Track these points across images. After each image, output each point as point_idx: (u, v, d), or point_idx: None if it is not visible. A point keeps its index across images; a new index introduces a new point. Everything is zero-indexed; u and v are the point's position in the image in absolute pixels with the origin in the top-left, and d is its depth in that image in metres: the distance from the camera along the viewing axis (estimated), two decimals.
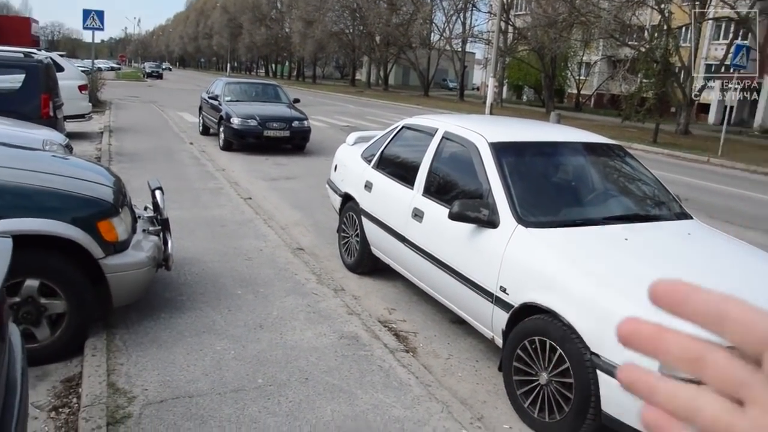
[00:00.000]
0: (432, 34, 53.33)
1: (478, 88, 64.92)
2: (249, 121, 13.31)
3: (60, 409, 3.43)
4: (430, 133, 5.21)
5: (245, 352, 4.04)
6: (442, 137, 5.04)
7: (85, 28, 21.20)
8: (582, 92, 47.22)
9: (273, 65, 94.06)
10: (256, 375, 3.77)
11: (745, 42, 23.62)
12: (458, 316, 4.48)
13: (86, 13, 20.81)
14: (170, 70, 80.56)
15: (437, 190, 4.84)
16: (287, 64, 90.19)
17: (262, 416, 3.34)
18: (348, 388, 3.70)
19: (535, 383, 3.55)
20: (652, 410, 0.44)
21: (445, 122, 5.24)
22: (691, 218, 4.66)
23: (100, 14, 20.99)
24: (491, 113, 22.73)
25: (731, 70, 22.12)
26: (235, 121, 13.25)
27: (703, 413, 0.41)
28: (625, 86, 32.61)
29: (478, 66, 62.67)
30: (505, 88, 50.41)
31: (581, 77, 47.71)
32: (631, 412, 3.02)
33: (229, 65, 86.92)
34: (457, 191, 4.67)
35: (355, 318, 4.69)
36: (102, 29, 21.40)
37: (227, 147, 13.62)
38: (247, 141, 13.42)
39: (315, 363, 3.97)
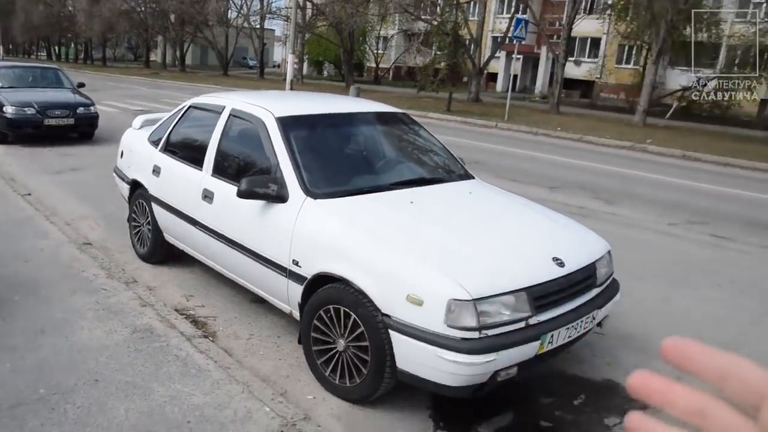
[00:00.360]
0: (229, 11, 51.86)
1: (278, 65, 64.44)
2: (26, 109, 12.09)
3: None
4: (218, 111, 5.05)
5: (24, 363, 3.69)
6: (230, 115, 4.90)
7: None
8: (381, 66, 48.56)
9: (56, 47, 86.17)
10: (37, 385, 3.46)
11: (525, 16, 25.51)
12: (257, 295, 4.43)
13: None
14: None
15: (226, 169, 4.72)
16: (73, 46, 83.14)
17: (45, 429, 3.08)
18: (143, 383, 3.53)
19: (334, 351, 3.61)
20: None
21: (232, 99, 5.11)
22: (473, 178, 4.97)
23: None
24: (291, 89, 22.65)
25: (513, 42, 23.82)
26: (9, 110, 11.98)
27: None
28: (420, 58, 34.05)
29: (278, 43, 61.85)
30: (305, 64, 50.53)
31: (379, 51, 49.01)
32: (424, 365, 3.19)
33: (1, 48, 78.28)
34: (246, 169, 4.58)
35: (148, 309, 4.48)
36: None
37: (1, 140, 12.29)
38: (24, 132, 12.19)
39: (105, 362, 3.74)
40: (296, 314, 3.95)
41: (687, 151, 15.80)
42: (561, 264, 3.55)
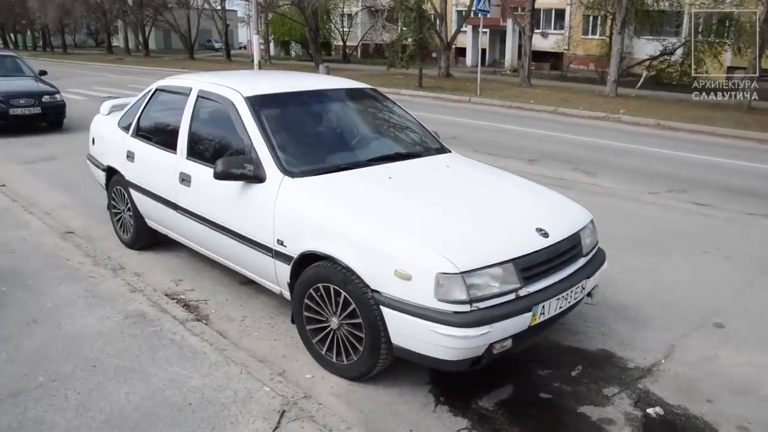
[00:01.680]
0: None
1: (245, 47, 63.46)
2: None
3: None
4: (185, 93, 5.01)
5: (19, 352, 3.72)
6: (198, 96, 4.87)
7: None
8: (348, 44, 48.16)
9: (12, 35, 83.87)
10: (36, 373, 3.49)
11: None
12: (247, 277, 4.47)
13: None
14: None
15: (201, 151, 4.70)
16: (30, 33, 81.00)
17: (48, 415, 3.12)
18: (140, 367, 3.57)
19: (328, 329, 3.67)
20: None
21: (199, 81, 5.05)
22: (450, 152, 5.02)
23: None
24: (260, 70, 22.43)
25: (477, 15, 23.80)
26: None
27: None
28: (387, 35, 33.86)
29: (241, 24, 60.89)
30: (272, 45, 49.90)
31: (345, 29, 48.58)
32: (419, 340, 3.24)
33: None
34: (220, 150, 4.54)
35: (138, 295, 4.50)
36: None
37: None
38: None
39: (101, 348, 3.77)
40: (286, 294, 3.99)
41: (660, 120, 16.01)
42: (545, 234, 3.61)
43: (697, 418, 3.43)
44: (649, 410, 3.48)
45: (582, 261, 3.87)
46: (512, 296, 3.32)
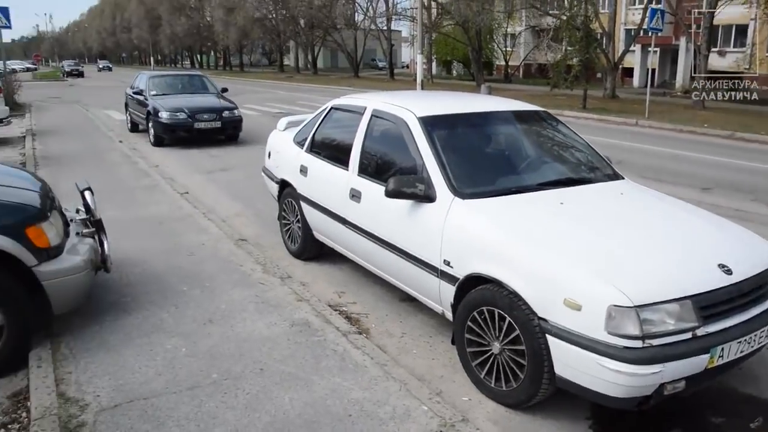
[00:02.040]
0: (356, 14, 53.03)
1: (407, 66, 65.03)
2: (178, 114, 13.02)
3: (9, 426, 3.32)
4: (359, 112, 5.18)
5: (197, 348, 3.99)
6: (372, 115, 5.01)
7: None
8: (510, 63, 47.82)
9: (198, 56, 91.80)
10: (210, 370, 3.72)
11: (660, 6, 24.26)
12: (407, 294, 4.51)
13: None
14: (110, 69, 78.42)
15: (372, 169, 4.82)
16: (212, 53, 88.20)
17: (220, 411, 3.31)
18: (304, 375, 3.70)
19: (489, 353, 3.60)
20: None
21: (373, 100, 5.21)
22: (623, 178, 4.79)
23: (4, 11, 19.57)
24: (422, 89, 22.81)
25: (649, 34, 22.69)
26: (164, 115, 12.93)
27: None
28: (551, 55, 33.19)
29: (405, 44, 62.52)
30: (434, 64, 50.68)
31: (508, 49, 48.28)
32: (584, 373, 3.10)
33: (152, 58, 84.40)
34: (391, 168, 4.65)
35: (304, 304, 4.68)
36: (9, 27, 19.95)
37: (158, 142, 13.28)
38: (177, 134, 13.13)
39: (268, 353, 3.95)
40: (448, 314, 3.98)
41: None
42: (728, 271, 3.34)
43: None
44: None
45: None
46: (689, 335, 3.09)
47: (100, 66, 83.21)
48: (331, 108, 5.77)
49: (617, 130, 17.62)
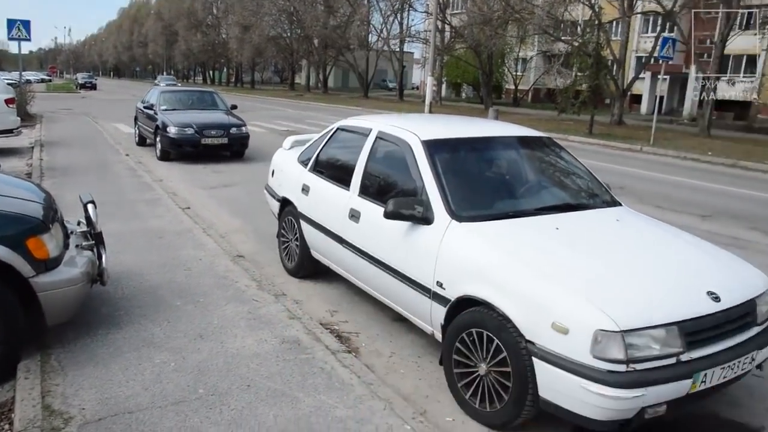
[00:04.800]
0: (370, 35, 53.45)
1: (417, 87, 65.41)
2: (186, 129, 13.10)
3: None
4: (365, 133, 5.23)
5: (186, 364, 3.99)
6: (377, 137, 5.06)
7: (10, 38, 20.17)
8: (519, 87, 48.05)
9: (211, 72, 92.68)
10: (197, 385, 3.73)
11: (672, 34, 24.38)
12: (399, 313, 4.52)
13: (11, 24, 19.79)
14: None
15: (373, 189, 4.86)
16: (225, 70, 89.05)
17: (204, 426, 3.31)
18: (290, 392, 3.70)
19: (475, 374, 3.61)
20: None
21: (379, 122, 5.27)
22: (620, 205, 4.81)
23: (26, 24, 20.00)
24: (430, 112, 22.94)
25: (659, 62, 22.78)
26: (172, 130, 13.03)
27: None
28: (561, 80, 33.31)
29: (416, 65, 63.19)
30: (444, 87, 50.94)
31: (518, 73, 48.54)
32: (568, 396, 3.13)
33: (165, 73, 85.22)
34: (392, 190, 4.69)
35: (296, 322, 4.69)
36: (29, 40, 20.37)
37: (165, 157, 13.38)
38: (184, 150, 13.21)
39: (256, 369, 3.95)
40: (438, 335, 3.99)
41: None
42: (716, 299, 3.37)
43: None
44: None
45: (755, 330, 3.55)
46: (673, 360, 3.13)
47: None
48: (338, 129, 5.82)
49: (621, 156, 17.64)
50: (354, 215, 4.85)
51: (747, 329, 3.50)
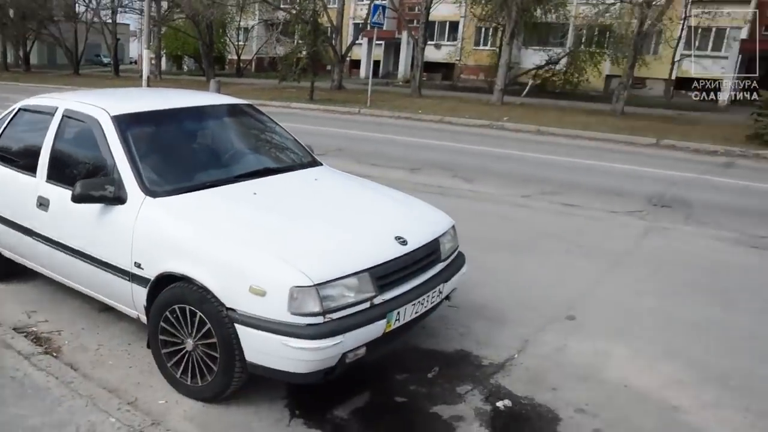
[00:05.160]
0: (77, 4, 48.72)
1: (136, 62, 61.50)
2: None
3: None
4: (50, 113, 4.73)
5: None
6: (63, 116, 4.61)
7: None
8: (242, 57, 47.54)
9: None
10: None
11: (383, 2, 25.79)
12: (106, 303, 4.24)
13: None
14: None
15: (62, 173, 4.42)
16: None
17: None
18: None
19: (184, 351, 3.54)
20: None
21: (66, 100, 4.80)
22: (321, 165, 4.99)
23: None
24: (149, 86, 21.75)
25: (372, 28, 24.07)
26: None
27: None
28: (282, 49, 33.70)
29: (133, 38, 59.27)
30: (164, 60, 48.55)
31: (240, 43, 47.92)
32: (272, 356, 3.21)
33: None
34: (83, 172, 4.32)
35: None
36: None
37: None
38: None
39: None
40: (143, 318, 3.82)
41: (541, 126, 16.68)
42: (404, 242, 3.67)
43: (541, 406, 3.60)
44: (498, 403, 3.61)
45: (440, 266, 3.96)
46: (367, 305, 3.35)
47: None
48: (20, 109, 5.19)
49: (341, 120, 18.44)
50: (43, 203, 4.41)
51: (433, 266, 3.88)
